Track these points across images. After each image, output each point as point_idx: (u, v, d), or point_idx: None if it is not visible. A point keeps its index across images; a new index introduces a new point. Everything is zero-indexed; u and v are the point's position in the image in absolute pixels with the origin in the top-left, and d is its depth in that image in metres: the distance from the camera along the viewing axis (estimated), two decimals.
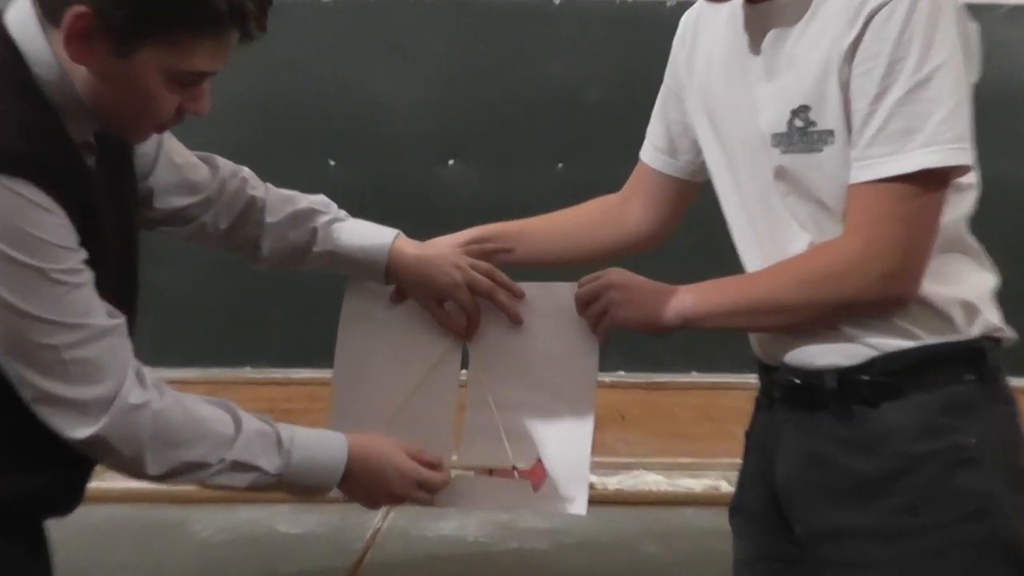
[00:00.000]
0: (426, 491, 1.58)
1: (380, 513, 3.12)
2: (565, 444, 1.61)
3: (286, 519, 3.13)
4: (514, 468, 1.62)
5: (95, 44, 1.29)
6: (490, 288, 1.67)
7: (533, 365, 1.63)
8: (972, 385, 1.38)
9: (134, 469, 1.37)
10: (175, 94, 1.35)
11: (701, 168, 1.65)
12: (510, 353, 1.65)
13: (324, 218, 1.68)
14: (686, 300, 1.47)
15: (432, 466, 1.59)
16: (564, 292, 1.60)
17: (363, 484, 1.53)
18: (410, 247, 1.69)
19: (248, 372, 3.52)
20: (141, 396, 1.35)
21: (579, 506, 1.61)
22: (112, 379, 1.32)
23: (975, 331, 1.40)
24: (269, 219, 1.67)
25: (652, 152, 1.71)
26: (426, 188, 3.48)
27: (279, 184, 1.73)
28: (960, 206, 1.41)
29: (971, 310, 1.40)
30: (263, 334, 3.55)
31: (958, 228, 1.42)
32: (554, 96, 3.52)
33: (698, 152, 1.63)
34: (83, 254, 1.31)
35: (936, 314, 1.39)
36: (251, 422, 1.44)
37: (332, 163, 3.51)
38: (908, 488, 1.37)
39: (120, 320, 1.35)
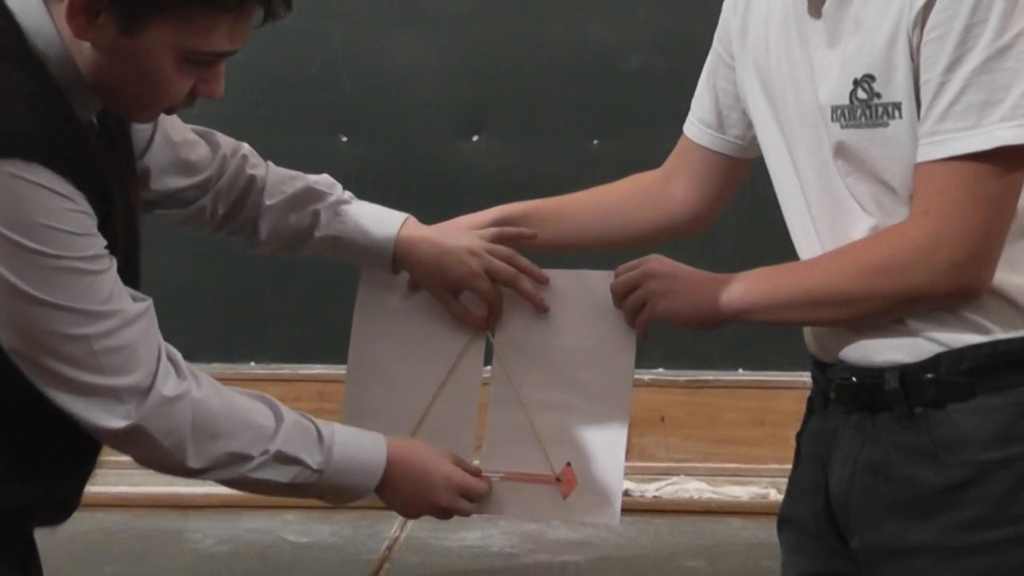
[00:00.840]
0: (469, 500, 1.59)
1: (397, 522, 3.14)
2: (597, 448, 1.62)
3: (294, 528, 3.15)
4: (541, 474, 1.62)
5: (101, 19, 1.29)
6: (512, 275, 1.66)
7: (563, 361, 1.63)
8: None
9: (173, 463, 1.39)
10: (188, 75, 1.34)
11: (752, 144, 1.64)
12: (537, 348, 1.65)
13: (327, 200, 1.68)
14: (735, 290, 1.46)
15: (474, 474, 1.61)
16: (599, 281, 1.59)
17: (404, 490, 1.55)
18: (421, 233, 1.68)
19: (253, 368, 3.53)
20: (179, 385, 1.37)
21: (611, 515, 1.63)
22: (145, 366, 1.35)
23: None
24: (268, 201, 1.67)
25: (697, 126, 1.70)
26: (447, 167, 3.48)
27: (286, 164, 1.73)
28: None
29: None
30: (269, 327, 3.56)
31: None
32: (589, 64, 3.51)
33: (749, 126, 1.62)
34: (103, 240, 1.33)
35: (1011, 306, 1.37)
36: (291, 414, 1.47)
37: (344, 139, 3.51)
38: (978, 500, 1.36)
39: (147, 303, 1.38)
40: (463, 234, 1.68)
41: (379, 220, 1.68)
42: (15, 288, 1.27)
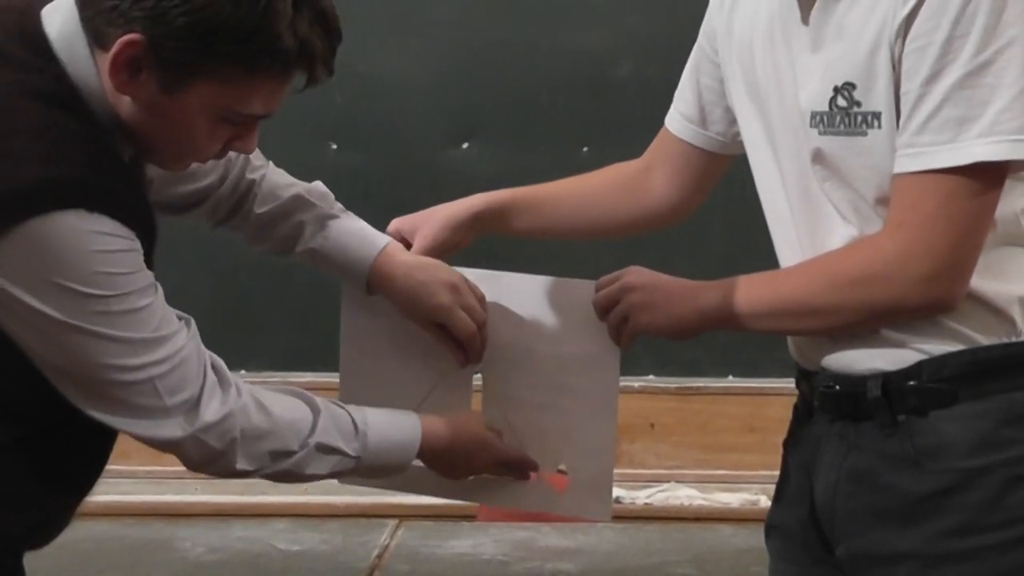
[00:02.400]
0: (507, 467, 1.66)
1: (388, 530, 3.14)
2: (587, 450, 1.64)
3: (284, 536, 3.16)
4: (535, 473, 1.66)
5: (143, 76, 1.31)
6: (481, 321, 1.66)
7: (549, 366, 1.64)
8: None
9: (224, 466, 1.44)
10: (223, 132, 1.37)
11: (734, 141, 1.64)
12: (526, 353, 1.66)
13: (315, 211, 1.67)
14: (712, 300, 1.47)
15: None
16: (583, 290, 1.60)
17: (442, 461, 1.61)
18: (400, 259, 1.65)
19: (244, 376, 3.50)
20: (225, 395, 1.41)
21: (604, 512, 1.69)
22: (195, 381, 1.39)
23: None
24: (258, 209, 1.67)
25: (679, 120, 1.69)
26: (437, 174, 3.49)
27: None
28: (1022, 196, 1.39)
29: None
30: (260, 334, 3.57)
31: (1018, 220, 1.40)
32: (579, 71, 3.52)
33: (731, 123, 1.62)
34: (150, 271, 1.38)
35: (992, 313, 1.38)
36: (326, 405, 1.52)
37: (334, 147, 3.52)
38: (961, 507, 1.36)
39: (190, 321, 1.43)
40: (441, 267, 1.66)
41: (361, 240, 1.66)
42: (70, 325, 1.31)
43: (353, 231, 1.67)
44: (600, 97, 3.51)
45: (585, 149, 3.51)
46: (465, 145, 3.55)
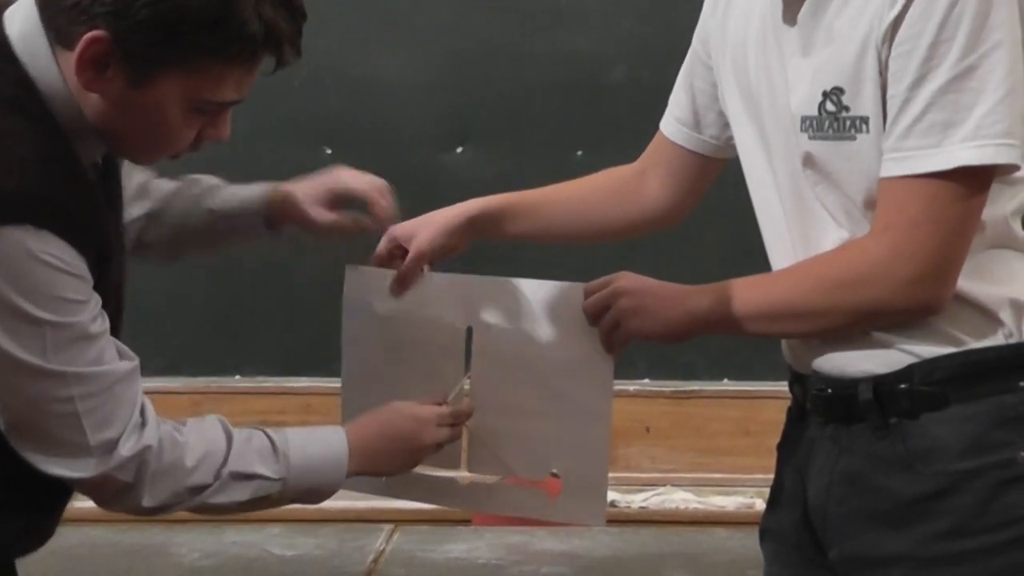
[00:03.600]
0: (450, 424, 1.62)
1: (383, 534, 3.15)
2: (581, 455, 1.63)
3: (279, 541, 3.15)
4: (528, 479, 1.66)
5: (109, 72, 1.30)
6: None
7: (542, 370, 1.64)
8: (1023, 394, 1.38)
9: (133, 504, 1.40)
10: (195, 122, 1.36)
11: (727, 144, 1.65)
12: (517, 358, 1.66)
13: (204, 183, 1.69)
14: (702, 304, 1.47)
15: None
16: (575, 294, 1.61)
17: (383, 459, 1.56)
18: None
19: (238, 381, 3.53)
20: (144, 436, 1.38)
21: (598, 517, 1.67)
22: (120, 423, 1.36)
23: None
24: (155, 205, 1.68)
25: (674, 124, 1.70)
26: (432, 178, 3.49)
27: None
28: (1013, 199, 1.40)
29: (1023, 310, 1.40)
30: (254, 340, 3.56)
31: (1008, 222, 1.41)
32: (573, 75, 3.53)
33: (724, 127, 1.63)
34: (98, 300, 1.35)
35: (983, 315, 1.38)
36: (240, 432, 1.47)
37: (328, 151, 3.52)
38: (953, 510, 1.37)
39: (134, 363, 1.39)
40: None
41: (250, 186, 1.69)
42: (4, 352, 1.28)
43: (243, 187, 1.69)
44: (594, 101, 3.52)
45: (579, 153, 3.52)
46: (460, 149, 3.55)
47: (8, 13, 1.35)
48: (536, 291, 1.65)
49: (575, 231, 1.78)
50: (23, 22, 1.33)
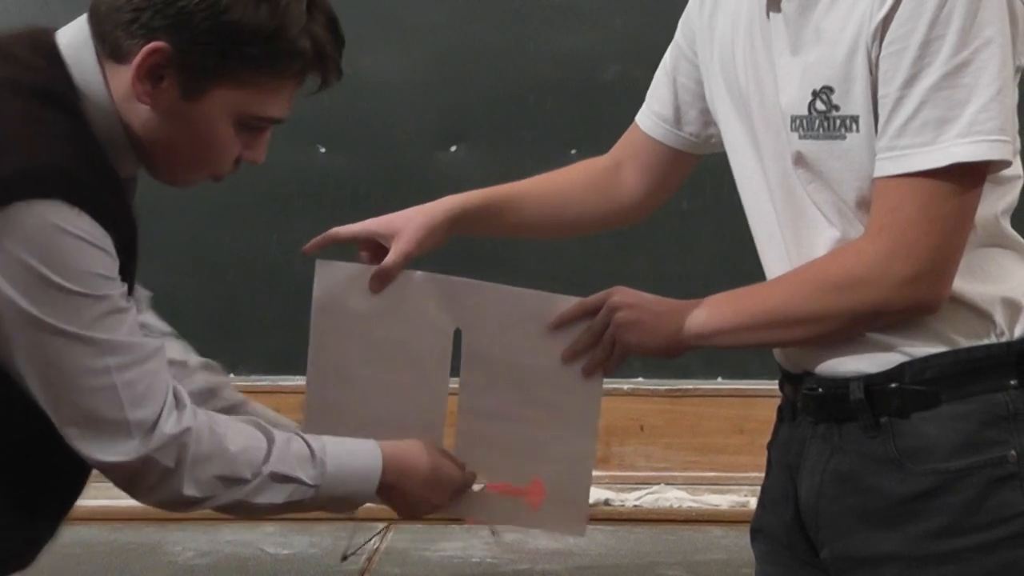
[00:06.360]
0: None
1: (377, 534, 3.15)
2: (565, 464, 1.63)
3: (274, 540, 3.16)
4: (511, 485, 1.65)
5: (165, 83, 1.35)
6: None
7: (531, 378, 1.63)
8: (1015, 392, 1.38)
9: (173, 494, 1.41)
10: (238, 142, 1.40)
11: (706, 142, 1.65)
12: (505, 365, 1.65)
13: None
14: (698, 317, 1.47)
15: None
16: (565, 305, 1.61)
17: (407, 494, 1.57)
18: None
19: (233, 380, 3.50)
20: (181, 417, 1.40)
21: (579, 528, 1.67)
22: (157, 401, 1.38)
23: (1019, 331, 1.39)
24: None
25: (652, 119, 1.69)
26: (426, 177, 3.49)
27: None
28: (1003, 198, 1.40)
29: (1014, 309, 1.40)
30: (249, 339, 3.56)
31: (999, 221, 1.41)
32: (567, 74, 3.53)
33: (705, 125, 1.63)
34: (124, 286, 1.37)
35: (975, 314, 1.39)
36: (281, 434, 1.49)
37: (322, 150, 3.52)
38: (944, 509, 1.37)
39: (161, 343, 1.42)
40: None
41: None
42: (41, 322, 1.31)
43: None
44: (588, 99, 3.52)
45: (573, 151, 3.51)
46: (454, 148, 3.55)
47: (61, 29, 1.41)
48: (529, 299, 1.64)
49: (552, 226, 1.78)
50: (73, 34, 1.39)
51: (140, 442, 1.37)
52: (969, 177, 1.33)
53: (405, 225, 1.67)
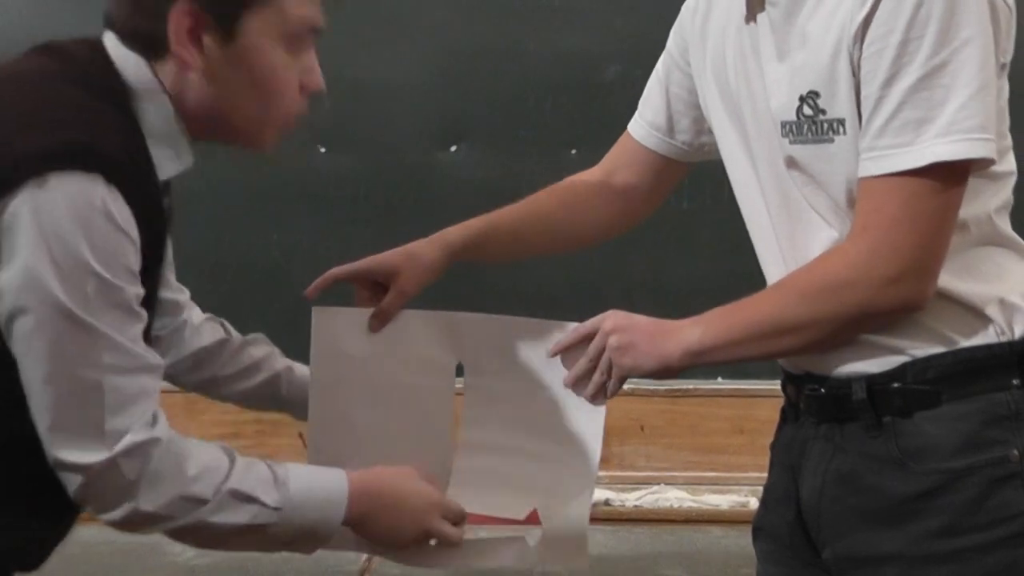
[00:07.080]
0: (451, 522, 1.56)
1: None
2: (564, 496, 1.61)
3: None
4: (507, 517, 1.62)
5: (206, 39, 1.37)
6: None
7: (534, 407, 1.62)
8: (1017, 391, 1.38)
9: (128, 506, 1.37)
10: (293, 66, 1.42)
11: (698, 150, 1.66)
12: (508, 393, 1.64)
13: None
14: (692, 335, 1.46)
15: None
16: (564, 332, 1.59)
17: (384, 520, 1.51)
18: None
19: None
20: (152, 431, 1.37)
21: (581, 561, 1.64)
22: (136, 416, 1.36)
23: (1020, 331, 1.40)
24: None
25: (645, 128, 1.70)
26: (426, 177, 3.50)
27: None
28: (996, 196, 1.41)
29: (1012, 308, 1.40)
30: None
31: (994, 219, 1.41)
32: (567, 74, 3.54)
33: (698, 133, 1.64)
34: (142, 290, 1.37)
35: (973, 314, 1.39)
36: (242, 458, 1.46)
37: (323, 150, 3.52)
38: (945, 508, 1.37)
39: (162, 362, 1.40)
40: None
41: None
42: (54, 297, 1.30)
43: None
44: (588, 99, 3.53)
45: (574, 152, 3.53)
46: (454, 148, 3.56)
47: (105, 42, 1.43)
48: (524, 328, 1.63)
49: (548, 248, 1.80)
50: (112, 45, 1.41)
51: (107, 448, 1.34)
52: (951, 176, 1.33)
53: (403, 263, 1.65)
